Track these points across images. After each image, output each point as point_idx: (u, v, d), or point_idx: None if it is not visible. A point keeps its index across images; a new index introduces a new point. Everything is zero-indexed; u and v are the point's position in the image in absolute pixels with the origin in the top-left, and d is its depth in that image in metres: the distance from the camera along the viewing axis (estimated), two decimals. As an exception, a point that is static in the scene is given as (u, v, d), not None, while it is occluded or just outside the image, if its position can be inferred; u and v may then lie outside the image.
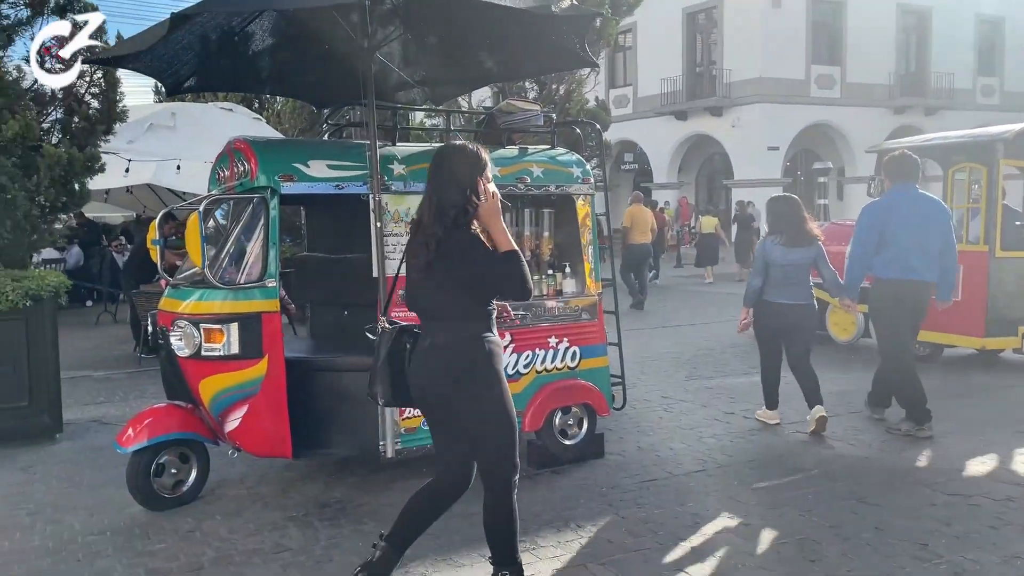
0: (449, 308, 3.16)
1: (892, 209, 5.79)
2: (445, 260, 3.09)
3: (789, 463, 5.20)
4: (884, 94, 26.97)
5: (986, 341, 7.82)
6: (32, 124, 5.84)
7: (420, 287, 3.22)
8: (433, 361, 3.18)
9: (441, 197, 3.11)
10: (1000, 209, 7.80)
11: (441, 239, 3.07)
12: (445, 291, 3.13)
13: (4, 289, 5.68)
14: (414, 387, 3.28)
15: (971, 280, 7.63)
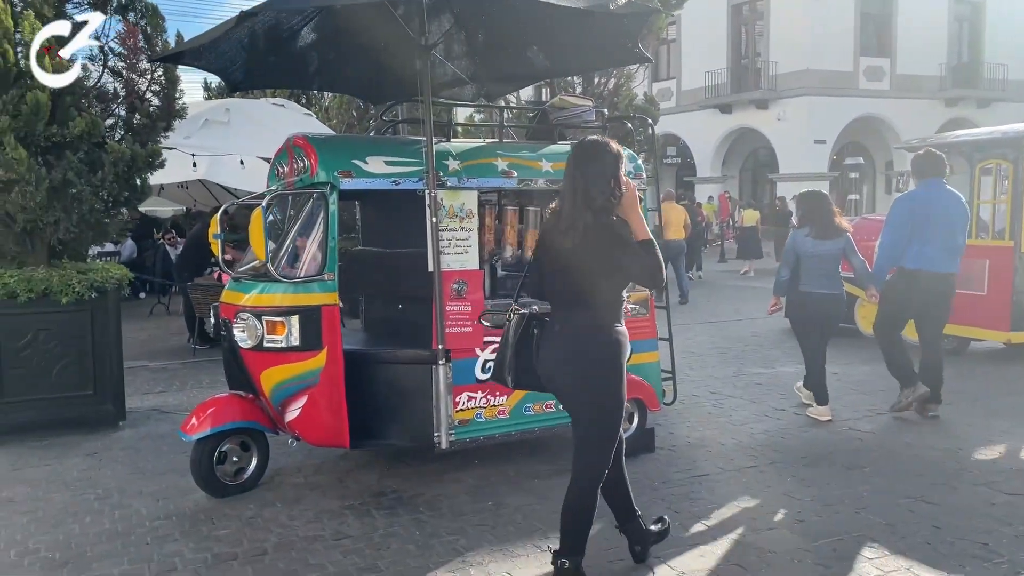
0: (586, 295, 3.25)
1: (924, 203, 5.98)
2: (590, 247, 3.19)
3: (842, 460, 5.17)
4: (935, 86, 26.37)
5: (1011, 335, 7.89)
6: (97, 121, 6.00)
7: (558, 273, 3.31)
8: (563, 346, 3.29)
9: (588, 187, 3.22)
10: None
11: (589, 226, 3.18)
12: (585, 278, 3.23)
13: (71, 281, 5.87)
14: (543, 371, 3.40)
15: (997, 275, 7.82)
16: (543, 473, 4.98)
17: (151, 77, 6.62)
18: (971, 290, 7.73)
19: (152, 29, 6.59)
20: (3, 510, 4.52)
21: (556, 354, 3.32)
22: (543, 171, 5.13)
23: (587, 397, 3.30)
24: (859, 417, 6.17)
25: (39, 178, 5.65)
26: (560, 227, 3.28)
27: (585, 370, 3.25)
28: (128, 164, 6.17)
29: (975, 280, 7.82)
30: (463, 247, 4.76)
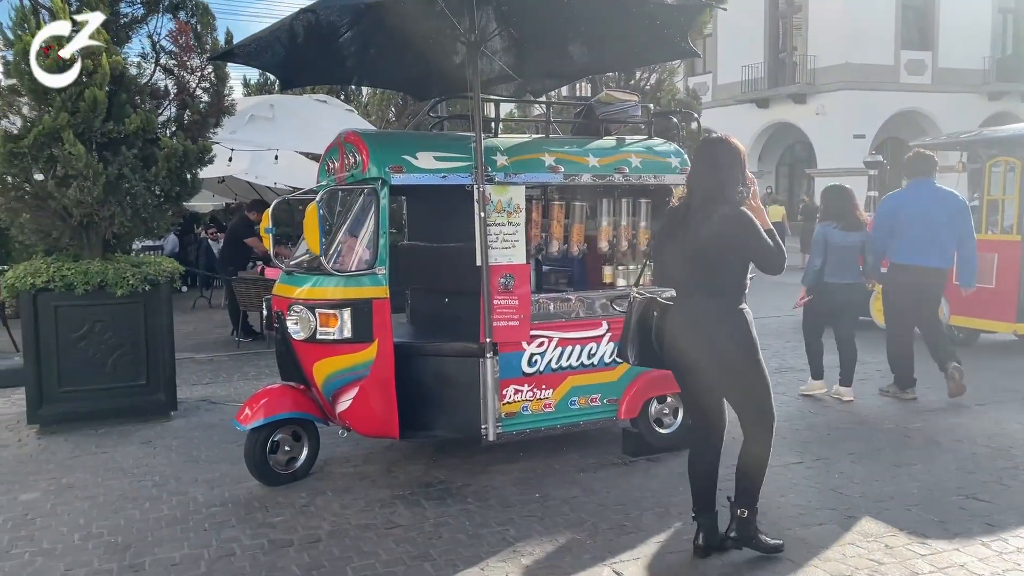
0: (720, 280, 3.56)
1: (904, 202, 6.54)
2: (725, 237, 3.49)
3: (890, 456, 5.14)
4: (978, 79, 25.89)
5: (1018, 326, 8.27)
6: (151, 118, 6.15)
7: (691, 261, 3.57)
8: (703, 329, 3.56)
9: (723, 183, 3.53)
10: None
11: (725, 217, 3.48)
12: (719, 264, 3.53)
13: (125, 274, 6.02)
14: (672, 350, 3.67)
15: (1004, 268, 8.24)
16: (589, 466, 5.01)
17: (201, 74, 6.75)
18: (980, 283, 7.65)
19: (203, 27, 6.73)
20: (64, 495, 4.66)
21: (697, 337, 3.58)
22: (589, 166, 5.16)
23: (735, 372, 3.59)
24: (907, 412, 6.12)
25: (96, 173, 5.80)
26: (695, 219, 3.54)
27: (728, 349, 3.55)
28: (180, 160, 6.30)
29: (984, 273, 7.98)
30: (511, 241, 4.81)
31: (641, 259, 5.40)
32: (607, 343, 5.12)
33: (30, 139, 5.65)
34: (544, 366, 4.95)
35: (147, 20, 6.66)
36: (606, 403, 5.15)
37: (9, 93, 5.95)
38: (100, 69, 5.73)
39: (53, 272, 5.88)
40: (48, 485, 4.84)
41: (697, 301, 3.58)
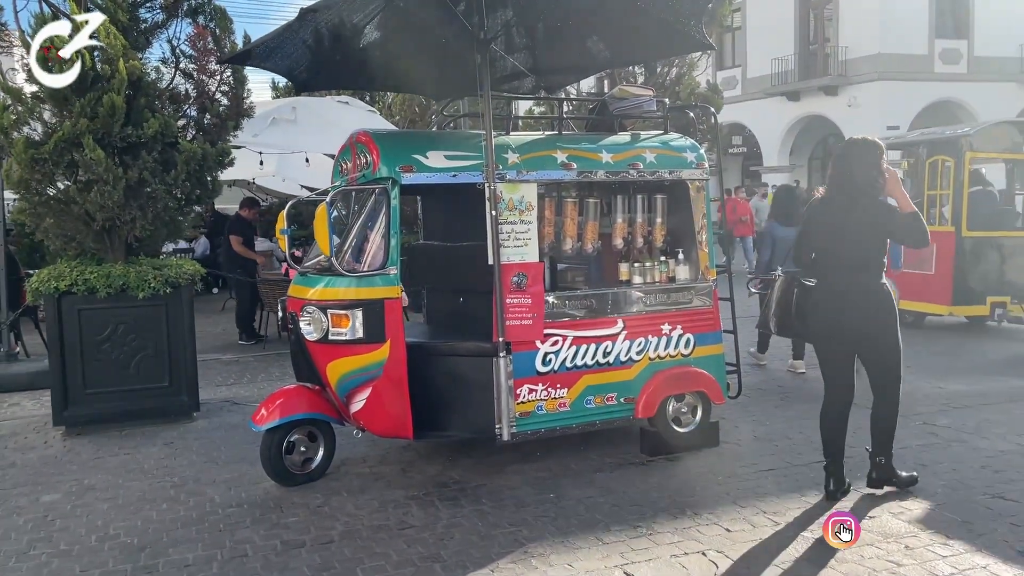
0: (867, 259, 4.20)
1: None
2: (868, 221, 4.15)
3: (915, 456, 5.01)
4: (1016, 68, 25.24)
5: (953, 308, 9.35)
6: (170, 122, 6.20)
7: (840, 244, 4.23)
8: (857, 302, 4.20)
9: (864, 174, 4.17)
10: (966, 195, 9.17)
11: (865, 206, 4.15)
12: (865, 245, 4.18)
13: (147, 277, 6.08)
14: (823, 323, 4.35)
15: (941, 256, 9.23)
16: (606, 466, 4.96)
17: (220, 78, 6.80)
18: (922, 270, 9.29)
19: (221, 31, 6.77)
20: (85, 497, 4.72)
21: (852, 311, 4.20)
22: (603, 162, 5.10)
23: (884, 338, 4.23)
24: (934, 411, 5.98)
25: (116, 177, 5.87)
26: (841, 207, 4.23)
27: (881, 318, 4.21)
28: (200, 163, 6.35)
29: (925, 262, 9.24)
30: (523, 240, 4.77)
31: (657, 255, 5.34)
32: (623, 341, 5.06)
33: (51, 145, 5.73)
34: (559, 365, 4.91)
35: (167, 25, 6.72)
36: (623, 402, 5.09)
37: (32, 99, 6.04)
38: (118, 75, 5.79)
39: (76, 276, 5.95)
40: (70, 486, 4.91)
41: (852, 278, 4.20)
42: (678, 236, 5.43)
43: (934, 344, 8.76)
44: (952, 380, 7.00)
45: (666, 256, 5.35)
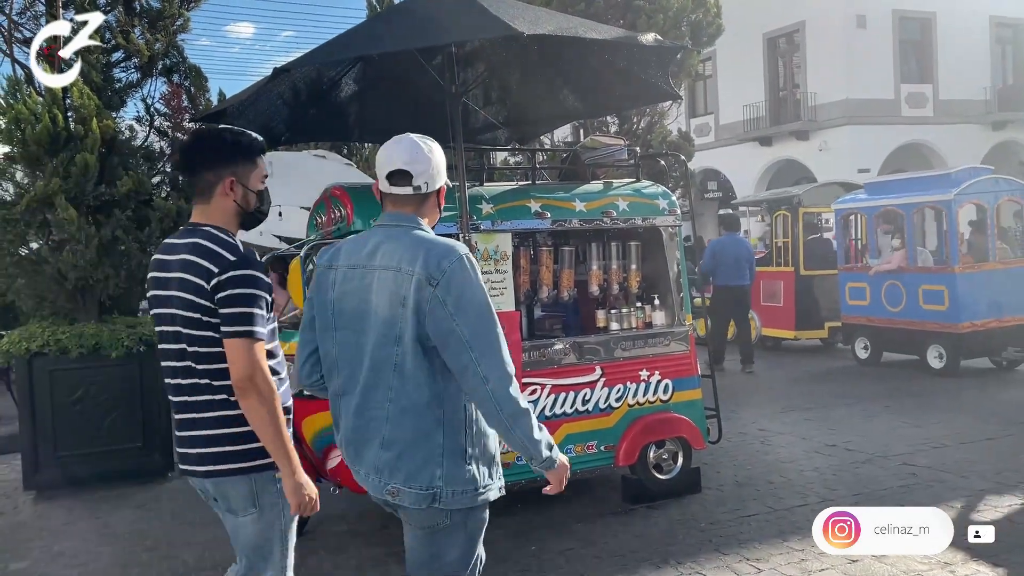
0: None
1: (722, 246, 10.15)
2: None
3: (896, 496, 5.00)
4: (980, 110, 25.92)
5: (798, 333, 11.59)
6: (144, 179, 6.22)
7: None
8: None
9: None
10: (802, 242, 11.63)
11: None
12: None
13: (120, 336, 6.02)
14: None
15: (786, 291, 11.56)
16: (587, 516, 4.91)
17: (195, 135, 6.83)
18: (775, 303, 11.65)
19: (196, 89, 6.85)
20: (54, 564, 4.60)
21: None
22: (576, 211, 5.14)
23: None
24: (913, 451, 5.98)
25: (89, 236, 5.85)
26: None
27: None
28: (174, 220, 6.34)
29: (777, 295, 11.63)
30: (499, 289, 4.78)
31: (633, 301, 5.36)
32: (601, 388, 5.05)
33: (23, 205, 5.72)
34: (538, 414, 4.81)
35: (142, 84, 6.78)
36: (603, 450, 5.06)
37: (4, 160, 6.04)
38: (91, 134, 5.80)
39: (48, 336, 5.89)
40: (40, 553, 4.78)
41: None
42: (653, 282, 5.46)
43: (911, 385, 8.81)
44: (929, 420, 7.03)
45: (642, 302, 5.37)
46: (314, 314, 2.54)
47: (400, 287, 2.27)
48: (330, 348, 2.48)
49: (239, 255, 2.41)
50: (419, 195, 2.42)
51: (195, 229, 2.50)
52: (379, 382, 2.33)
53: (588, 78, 5.39)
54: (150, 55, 6.50)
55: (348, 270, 2.43)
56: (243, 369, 2.33)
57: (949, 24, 25.40)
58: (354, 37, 4.79)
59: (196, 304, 2.38)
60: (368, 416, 2.36)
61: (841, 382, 9.11)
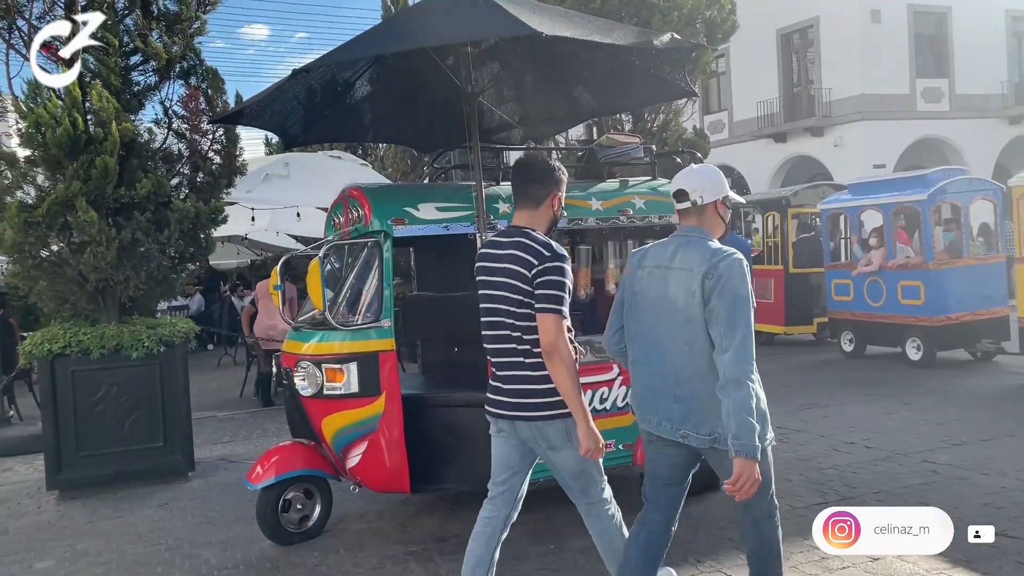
0: None
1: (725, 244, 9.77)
2: None
3: (916, 494, 4.98)
4: (997, 104, 25.68)
5: (787, 328, 12.01)
6: (163, 181, 6.26)
7: None
8: None
9: None
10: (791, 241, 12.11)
11: None
12: None
13: (140, 337, 6.08)
14: None
15: (776, 288, 12.01)
16: (606, 514, 4.90)
17: (213, 137, 6.88)
18: (766, 299, 11.81)
19: (213, 92, 6.88)
20: (78, 563, 4.65)
21: None
22: (593, 210, 5.15)
23: None
24: (933, 448, 5.95)
25: (109, 238, 5.90)
26: None
27: None
28: (193, 221, 6.39)
29: (767, 292, 11.91)
30: (516, 289, 4.77)
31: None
32: (619, 386, 5.04)
33: (44, 208, 5.77)
34: (556, 413, 4.87)
35: (160, 87, 6.82)
36: (621, 448, 5.06)
37: (26, 164, 6.10)
38: (111, 137, 5.85)
39: (70, 337, 5.95)
40: (63, 552, 4.83)
41: None
42: (670, 280, 5.44)
43: (929, 381, 8.76)
44: (949, 416, 6.99)
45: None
46: (623, 300, 3.27)
47: (691, 283, 2.96)
48: (633, 326, 3.20)
49: (552, 251, 3.11)
50: (697, 208, 3.12)
51: (520, 230, 3.25)
52: (672, 354, 3.03)
53: (603, 77, 5.38)
54: (168, 58, 6.53)
55: (653, 269, 3.14)
56: (549, 337, 3.02)
57: (965, 18, 25.18)
58: (371, 37, 4.80)
59: (521, 288, 3.10)
60: (662, 379, 3.07)
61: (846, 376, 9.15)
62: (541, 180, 3.33)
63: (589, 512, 3.39)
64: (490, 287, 3.26)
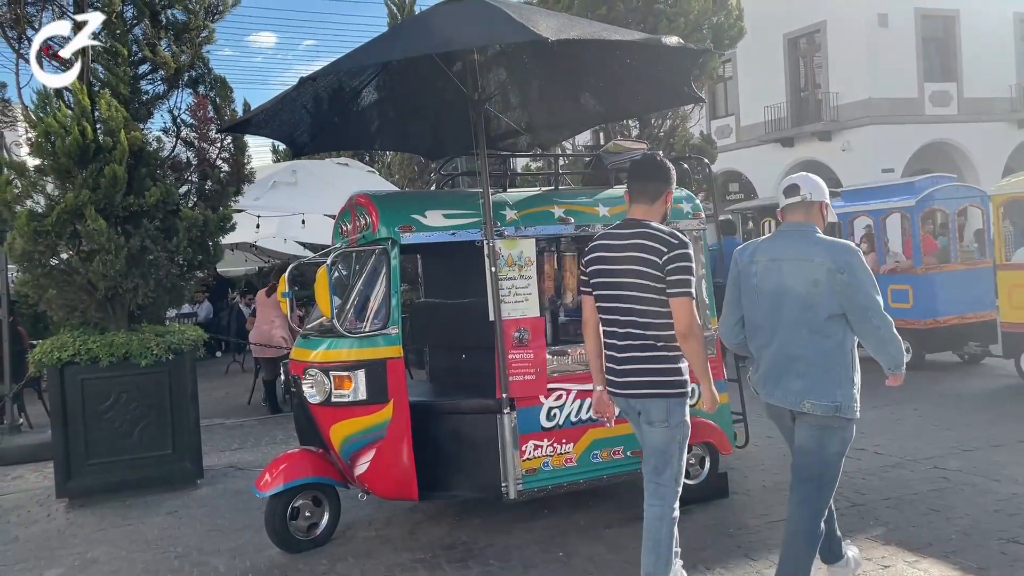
0: None
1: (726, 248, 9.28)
2: None
3: (927, 501, 4.95)
4: (1006, 107, 25.58)
5: None
6: (171, 190, 6.29)
7: None
8: None
9: None
10: None
11: None
12: None
13: (149, 344, 6.10)
14: None
15: None
16: (614, 522, 4.90)
17: (221, 145, 6.91)
18: None
19: (221, 100, 6.90)
20: (88, 571, 4.66)
21: None
22: (600, 216, 5.15)
23: None
24: (943, 455, 5.91)
25: (118, 247, 5.92)
26: None
27: None
28: (201, 229, 6.42)
29: None
30: (523, 295, 4.79)
31: (658, 306, 5.34)
32: (627, 393, 5.02)
33: (53, 217, 5.80)
34: (563, 419, 4.88)
35: (168, 96, 6.85)
36: (629, 455, 5.04)
37: (35, 173, 6.13)
38: (120, 146, 5.88)
39: (79, 345, 5.97)
40: (73, 560, 4.84)
41: None
42: (678, 286, 5.43)
43: (937, 385, 8.72)
44: (959, 421, 6.95)
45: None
46: (740, 294, 3.60)
47: (812, 273, 3.31)
48: (754, 315, 3.54)
49: (679, 239, 3.40)
50: (806, 203, 3.46)
51: (640, 222, 3.52)
52: (795, 337, 3.38)
53: (610, 83, 5.39)
54: (176, 67, 6.57)
55: (768, 263, 3.47)
56: (686, 319, 3.34)
57: (973, 21, 25.12)
58: (376, 45, 4.82)
59: (650, 274, 3.37)
60: (786, 358, 3.42)
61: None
62: (660, 178, 3.61)
63: (655, 493, 3.65)
64: (612, 275, 3.50)
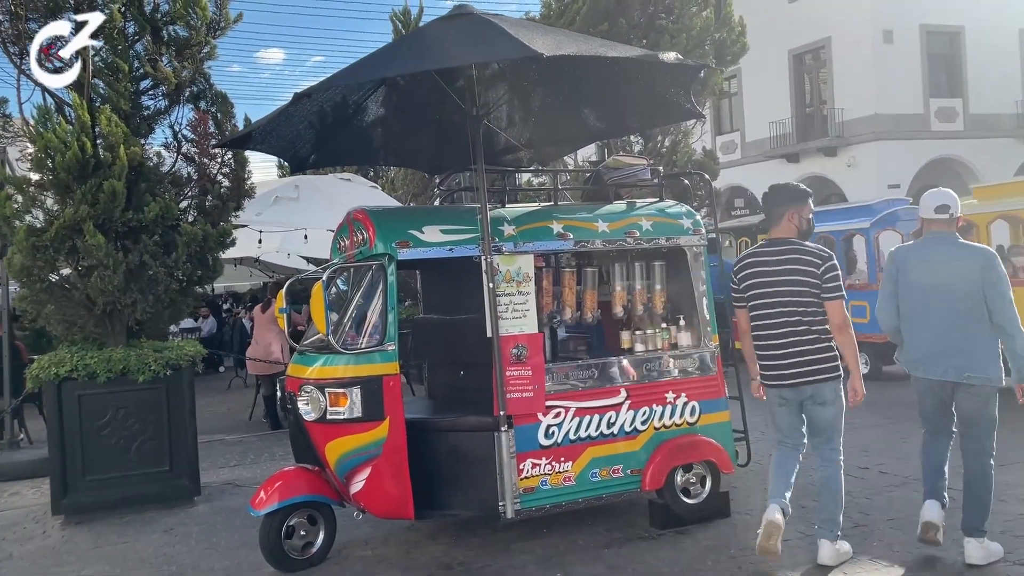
0: None
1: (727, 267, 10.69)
2: None
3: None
4: (1012, 123, 25.52)
5: None
6: (171, 205, 6.27)
7: None
8: None
9: None
10: None
11: None
12: None
13: (147, 360, 6.06)
14: None
15: None
16: (614, 541, 4.83)
17: (221, 160, 6.90)
18: None
19: (222, 115, 6.90)
20: (81, 588, 4.61)
21: None
22: (599, 232, 5.11)
23: None
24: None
25: (116, 262, 5.90)
26: None
27: None
28: (200, 244, 6.39)
29: None
30: (521, 311, 4.74)
31: (658, 322, 5.29)
32: (627, 411, 4.98)
33: (52, 232, 5.79)
34: (562, 437, 4.82)
35: (169, 111, 6.85)
36: (629, 474, 4.98)
37: (35, 188, 6.12)
38: (119, 161, 5.88)
39: (76, 361, 5.94)
40: (67, 578, 4.80)
41: None
42: (678, 303, 5.39)
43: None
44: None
45: (667, 323, 5.30)
46: (894, 288, 4.37)
47: (967, 270, 4.11)
48: (913, 305, 4.29)
49: (828, 253, 4.24)
50: (951, 219, 4.26)
51: (786, 240, 4.33)
52: (953, 323, 4.15)
53: (610, 98, 5.37)
54: (177, 82, 6.57)
55: (921, 263, 4.26)
56: (840, 317, 4.19)
57: (978, 38, 25.11)
58: (375, 60, 4.81)
59: (811, 283, 4.17)
60: (945, 342, 4.17)
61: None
62: (777, 202, 4.39)
63: (828, 457, 4.33)
64: (770, 285, 4.27)
